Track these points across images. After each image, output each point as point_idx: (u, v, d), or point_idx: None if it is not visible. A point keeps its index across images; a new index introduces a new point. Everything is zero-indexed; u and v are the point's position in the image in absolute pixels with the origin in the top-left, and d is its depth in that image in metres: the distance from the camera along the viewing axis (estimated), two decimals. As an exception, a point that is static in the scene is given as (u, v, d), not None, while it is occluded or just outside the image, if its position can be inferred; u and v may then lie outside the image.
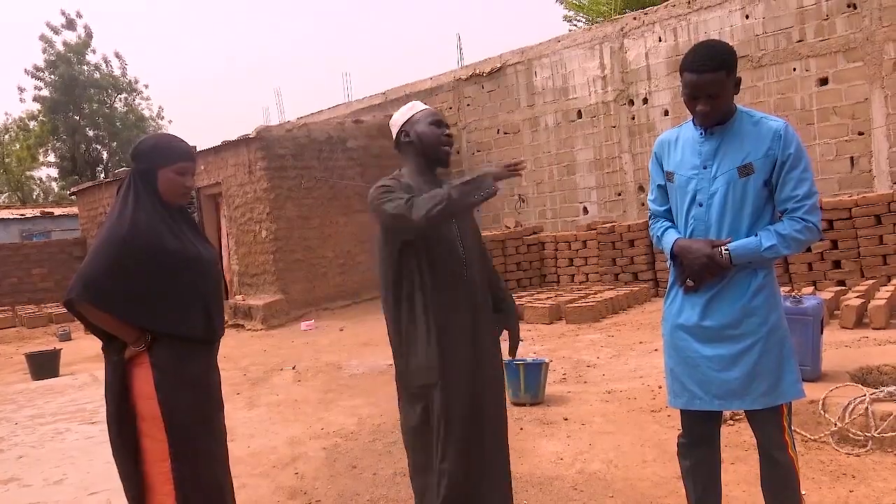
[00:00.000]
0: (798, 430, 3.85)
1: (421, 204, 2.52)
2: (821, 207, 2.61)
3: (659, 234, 2.76)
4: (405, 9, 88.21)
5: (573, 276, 11.87)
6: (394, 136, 2.91)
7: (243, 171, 12.83)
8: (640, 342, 7.41)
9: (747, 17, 10.92)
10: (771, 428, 2.57)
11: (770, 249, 2.48)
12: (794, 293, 5.14)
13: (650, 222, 2.86)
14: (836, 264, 8.96)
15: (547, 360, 5.43)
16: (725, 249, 2.50)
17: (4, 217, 23.60)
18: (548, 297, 10.34)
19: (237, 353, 9.21)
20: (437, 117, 2.86)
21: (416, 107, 2.91)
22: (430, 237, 2.71)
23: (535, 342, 7.95)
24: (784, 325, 2.58)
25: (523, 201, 13.99)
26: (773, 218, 2.57)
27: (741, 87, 2.58)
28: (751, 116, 2.58)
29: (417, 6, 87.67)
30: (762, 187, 2.52)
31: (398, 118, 2.89)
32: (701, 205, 2.60)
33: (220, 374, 2.81)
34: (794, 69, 10.58)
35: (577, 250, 11.79)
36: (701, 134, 2.61)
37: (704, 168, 2.59)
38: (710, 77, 2.45)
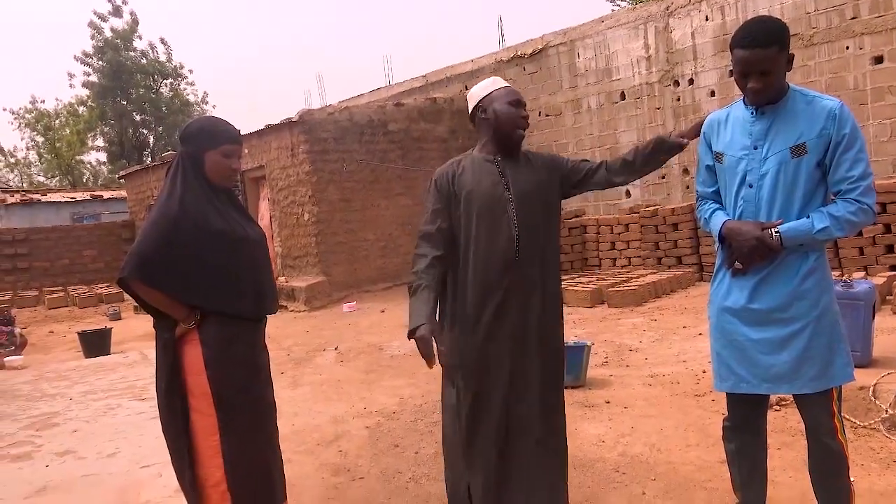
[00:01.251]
0: (848, 417, 3.77)
1: (414, 271, 2.75)
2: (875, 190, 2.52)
3: (707, 215, 2.71)
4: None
5: (615, 259, 11.75)
6: (470, 109, 2.91)
7: (286, 155, 12.96)
8: (684, 326, 7.33)
9: (798, -7, 10.60)
10: (820, 412, 2.52)
11: (822, 231, 2.41)
12: (844, 277, 5.02)
13: (697, 204, 2.81)
14: (889, 248, 8.70)
15: (589, 343, 5.41)
16: (776, 231, 2.44)
17: (56, 200, 24.28)
18: (589, 281, 10.26)
19: (280, 333, 9.36)
20: (516, 97, 2.84)
21: (496, 83, 2.88)
22: (475, 213, 2.74)
23: (576, 325, 7.92)
24: (835, 309, 2.52)
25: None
26: (826, 200, 2.49)
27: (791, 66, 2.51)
28: (804, 95, 2.50)
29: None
30: (815, 168, 2.44)
31: (477, 92, 2.88)
32: (751, 186, 2.53)
33: (268, 352, 2.87)
34: (848, 47, 10.25)
35: (620, 234, 11.66)
36: (752, 113, 2.54)
37: (755, 148, 2.52)
38: (762, 53, 2.37)
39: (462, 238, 2.77)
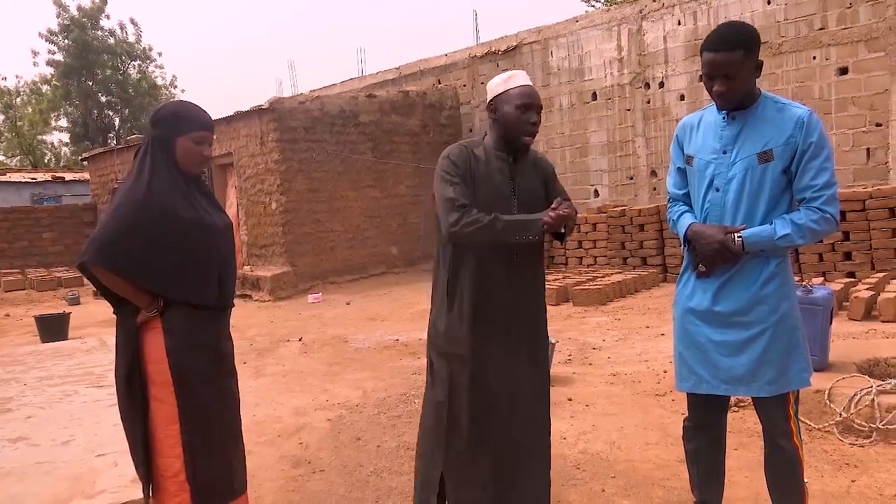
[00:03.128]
0: (802, 419, 3.85)
1: (462, 219, 2.58)
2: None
3: (675, 217, 2.74)
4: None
5: (581, 258, 11.85)
6: (487, 101, 2.85)
7: (255, 143, 12.81)
8: (647, 326, 7.41)
9: (769, 2, 10.78)
10: (777, 415, 2.57)
11: (784, 238, 2.44)
12: (804, 283, 5.12)
13: (668, 205, 2.84)
14: (847, 256, 8.91)
15: (553, 341, 5.43)
16: (738, 236, 2.48)
17: (16, 180, 23.68)
18: (555, 279, 10.33)
19: (244, 323, 9.26)
20: (527, 101, 2.71)
21: (513, 80, 2.76)
22: (479, 206, 2.68)
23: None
24: (795, 314, 2.56)
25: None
26: (791, 207, 2.53)
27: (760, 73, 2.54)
28: (775, 102, 2.53)
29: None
30: (781, 175, 2.48)
31: (494, 87, 2.80)
32: (718, 190, 2.56)
33: (232, 342, 2.83)
34: (814, 57, 10.46)
35: (587, 233, 11.76)
36: (723, 118, 2.57)
37: (724, 153, 2.55)
38: (727, 56, 2.41)
39: None
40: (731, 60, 2.41)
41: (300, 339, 7.93)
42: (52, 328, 9.02)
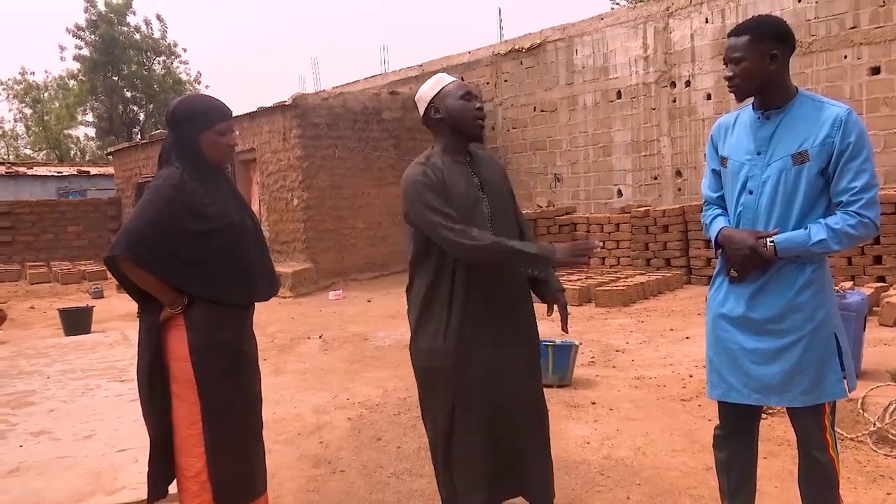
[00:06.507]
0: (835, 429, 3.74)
1: (470, 242, 2.50)
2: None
3: (707, 221, 2.67)
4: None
5: (604, 259, 11.74)
6: (421, 112, 2.82)
7: (278, 138, 12.83)
8: (671, 329, 7.30)
9: (799, 0, 10.58)
10: (811, 426, 2.48)
11: (819, 244, 2.34)
12: (837, 288, 5.01)
13: (703, 208, 2.76)
14: (878, 259, 8.73)
15: (577, 343, 5.36)
16: (770, 241, 2.39)
17: (42, 174, 23.99)
18: (577, 279, 10.24)
19: (264, 319, 9.26)
20: (467, 90, 2.74)
21: (443, 80, 2.78)
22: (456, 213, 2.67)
23: (563, 324, 7.88)
24: (833, 322, 2.46)
25: (559, 180, 13.81)
26: (828, 211, 2.43)
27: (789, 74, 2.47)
28: (813, 101, 2.44)
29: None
30: (816, 177, 2.38)
31: (425, 93, 2.77)
32: (751, 192, 2.48)
33: (256, 340, 2.80)
34: (846, 57, 10.24)
35: (610, 233, 11.65)
36: (758, 118, 2.50)
37: (758, 154, 2.47)
38: (734, 41, 2.42)
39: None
40: (736, 45, 2.41)
41: (321, 337, 7.92)
42: (76, 321, 9.09)
